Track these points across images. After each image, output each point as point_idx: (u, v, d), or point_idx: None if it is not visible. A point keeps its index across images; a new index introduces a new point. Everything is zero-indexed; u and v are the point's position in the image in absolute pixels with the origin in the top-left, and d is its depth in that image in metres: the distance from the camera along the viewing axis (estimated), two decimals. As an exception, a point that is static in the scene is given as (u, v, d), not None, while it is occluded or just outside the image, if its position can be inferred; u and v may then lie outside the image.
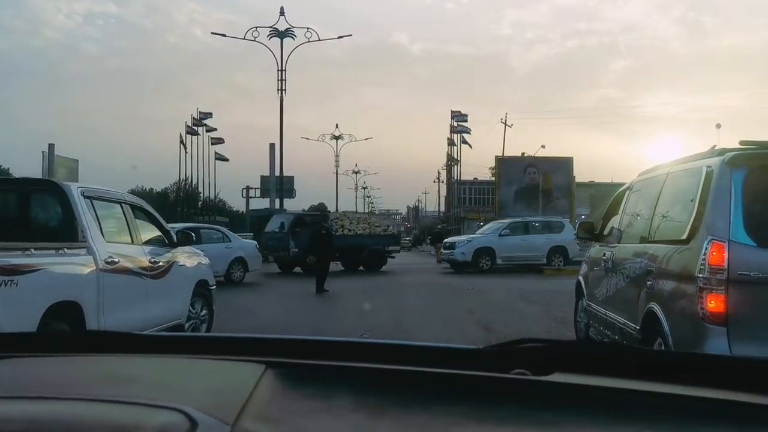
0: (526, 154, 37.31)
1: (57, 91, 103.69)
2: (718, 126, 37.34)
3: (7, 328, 4.00)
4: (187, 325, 7.28)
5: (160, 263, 6.68)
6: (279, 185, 30.81)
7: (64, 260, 5.26)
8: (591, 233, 7.19)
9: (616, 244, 6.14)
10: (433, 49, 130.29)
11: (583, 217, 27.17)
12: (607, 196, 8.04)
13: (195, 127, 42.73)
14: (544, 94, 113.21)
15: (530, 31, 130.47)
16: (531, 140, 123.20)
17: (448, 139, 48.01)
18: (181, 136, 42.41)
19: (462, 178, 48.91)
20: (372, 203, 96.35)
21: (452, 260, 22.26)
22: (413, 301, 13.11)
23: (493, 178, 39.86)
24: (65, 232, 5.60)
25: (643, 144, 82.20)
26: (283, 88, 29.71)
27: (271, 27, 29.62)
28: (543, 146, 40.08)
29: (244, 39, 29.83)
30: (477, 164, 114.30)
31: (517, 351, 1.10)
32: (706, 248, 4.06)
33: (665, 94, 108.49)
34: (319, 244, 14.48)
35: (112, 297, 5.67)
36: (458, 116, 46.25)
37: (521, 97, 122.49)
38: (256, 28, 29.50)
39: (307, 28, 29.88)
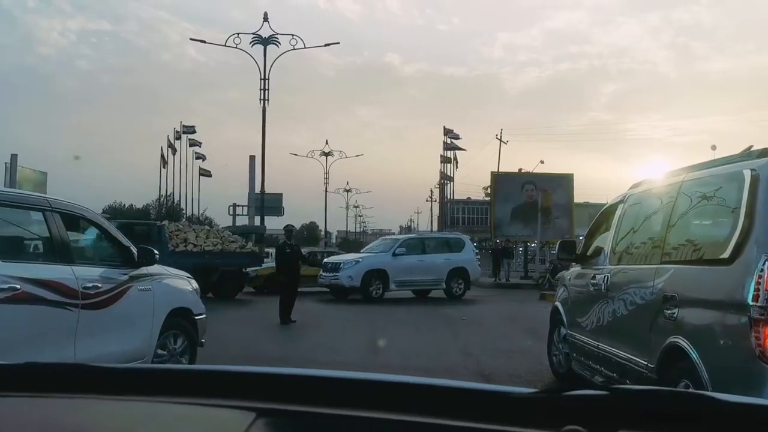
0: (523, 170, 35.73)
1: (47, 107, 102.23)
2: (714, 148, 36.07)
3: None
4: None
5: (103, 288, 5.15)
6: (260, 199, 28.99)
7: None
8: (573, 254, 6.60)
9: (606, 265, 5.55)
10: (426, 70, 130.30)
11: (580, 238, 25.50)
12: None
13: (177, 140, 41.31)
14: (535, 116, 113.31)
15: (522, 53, 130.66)
16: (523, 161, 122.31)
17: (441, 156, 46.77)
18: (162, 150, 41.00)
19: (455, 198, 47.59)
20: (364, 222, 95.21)
21: (335, 285, 17.99)
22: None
23: (488, 198, 38.24)
24: None
25: (635, 166, 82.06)
26: (266, 97, 28.05)
27: (254, 33, 28.06)
28: (542, 161, 38.48)
29: (225, 46, 28.18)
30: (470, 184, 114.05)
31: (568, 400, 0.89)
32: (762, 269, 3.40)
33: (656, 117, 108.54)
34: (286, 264, 12.54)
35: (7, 336, 4.35)
36: (451, 134, 45.14)
37: (513, 118, 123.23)
38: (238, 34, 27.88)
39: (292, 35, 28.17)
